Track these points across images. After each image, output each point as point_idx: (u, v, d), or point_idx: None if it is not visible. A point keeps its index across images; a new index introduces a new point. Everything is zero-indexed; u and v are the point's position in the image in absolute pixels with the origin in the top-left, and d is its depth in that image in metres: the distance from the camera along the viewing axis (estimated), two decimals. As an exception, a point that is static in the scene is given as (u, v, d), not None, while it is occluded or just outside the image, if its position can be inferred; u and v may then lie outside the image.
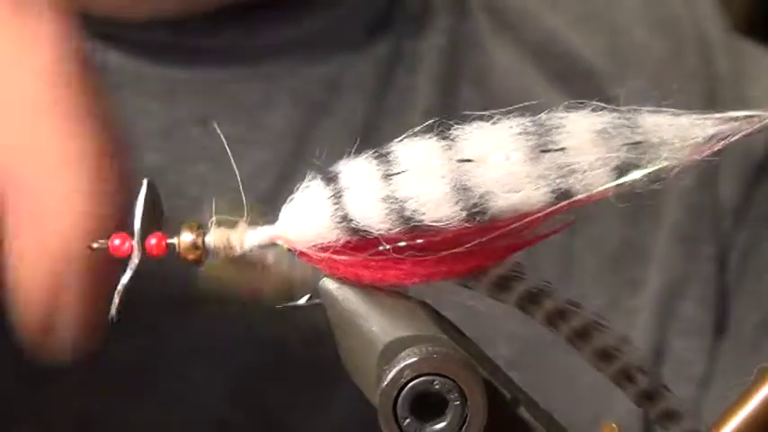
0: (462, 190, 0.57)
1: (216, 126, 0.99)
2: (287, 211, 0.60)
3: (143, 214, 0.61)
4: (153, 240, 0.61)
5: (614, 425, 0.62)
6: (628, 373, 0.64)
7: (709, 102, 1.10)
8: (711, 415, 1.05)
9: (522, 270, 0.62)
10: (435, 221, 0.58)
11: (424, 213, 0.58)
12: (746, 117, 0.58)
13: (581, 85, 1.10)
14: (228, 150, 0.99)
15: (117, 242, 0.61)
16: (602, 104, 0.59)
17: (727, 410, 0.60)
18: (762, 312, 1.08)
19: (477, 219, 0.58)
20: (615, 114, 0.58)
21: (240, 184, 0.63)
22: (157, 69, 1.01)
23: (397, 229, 0.58)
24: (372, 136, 0.62)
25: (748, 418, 0.59)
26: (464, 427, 0.56)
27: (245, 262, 0.62)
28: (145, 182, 0.61)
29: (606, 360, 0.64)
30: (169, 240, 0.61)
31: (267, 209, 0.62)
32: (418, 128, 0.59)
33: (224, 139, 0.98)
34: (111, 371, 0.97)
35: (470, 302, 0.65)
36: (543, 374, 0.82)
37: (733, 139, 0.58)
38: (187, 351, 0.98)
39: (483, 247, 0.59)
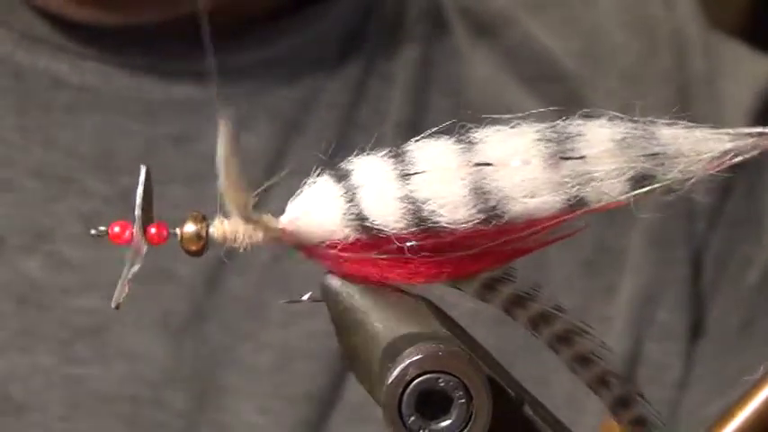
0: (481, 193, 0.57)
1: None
2: (294, 206, 0.60)
3: (143, 201, 0.60)
4: (153, 229, 0.60)
5: (614, 423, 0.62)
6: (604, 378, 0.64)
7: (683, 101, 1.10)
8: (689, 419, 1.06)
9: (512, 273, 0.62)
10: (451, 223, 0.57)
11: (441, 215, 0.57)
12: (761, 134, 0.58)
13: (556, 89, 1.10)
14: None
15: (117, 229, 0.60)
16: (619, 114, 0.58)
17: (729, 408, 0.59)
18: (739, 315, 1.09)
19: (493, 222, 0.57)
20: (632, 125, 0.58)
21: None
22: (135, 90, 1.02)
23: (411, 228, 0.58)
24: (344, 150, 0.61)
25: (751, 417, 0.58)
26: (469, 425, 0.55)
27: None
28: (143, 168, 0.60)
29: (584, 365, 0.64)
30: (171, 230, 0.60)
31: None
32: (435, 129, 0.59)
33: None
34: (92, 398, 0.96)
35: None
36: None
37: (748, 156, 0.58)
38: (165, 377, 0.97)
39: (491, 250, 0.59)
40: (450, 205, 0.57)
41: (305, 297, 0.61)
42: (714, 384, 1.05)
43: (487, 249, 0.58)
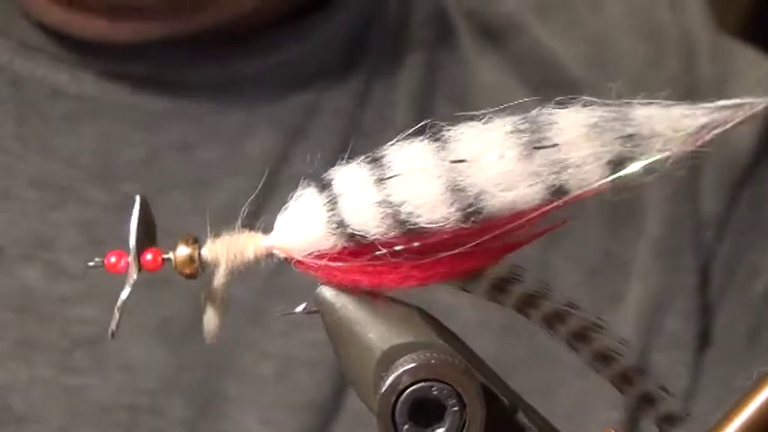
0: (457, 191, 0.57)
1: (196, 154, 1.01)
2: (281, 220, 0.60)
3: (137, 230, 0.60)
4: (149, 256, 0.61)
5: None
6: (626, 375, 0.64)
7: None
8: (697, 428, 1.06)
9: (520, 273, 0.62)
10: (431, 223, 0.57)
11: (419, 216, 0.57)
12: (736, 105, 0.58)
13: (563, 95, 1.10)
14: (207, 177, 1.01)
15: (113, 259, 0.61)
16: (593, 99, 0.58)
17: (725, 415, 0.59)
18: (747, 323, 1.08)
19: (473, 219, 0.57)
20: (606, 108, 0.58)
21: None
22: (138, 99, 1.02)
23: (393, 232, 0.58)
24: (349, 157, 0.61)
25: (747, 423, 0.58)
26: (462, 433, 0.56)
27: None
28: (137, 198, 0.61)
29: (605, 362, 0.64)
30: (165, 255, 0.61)
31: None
32: (409, 131, 0.59)
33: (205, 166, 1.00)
34: (91, 408, 0.97)
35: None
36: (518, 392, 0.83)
37: (724, 128, 0.58)
38: (164, 386, 0.98)
39: (479, 248, 0.58)
40: (428, 205, 0.57)
41: (299, 309, 0.62)
42: (721, 393, 1.04)
43: (476, 247, 0.58)
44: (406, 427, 0.56)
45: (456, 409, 0.55)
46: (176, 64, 1.02)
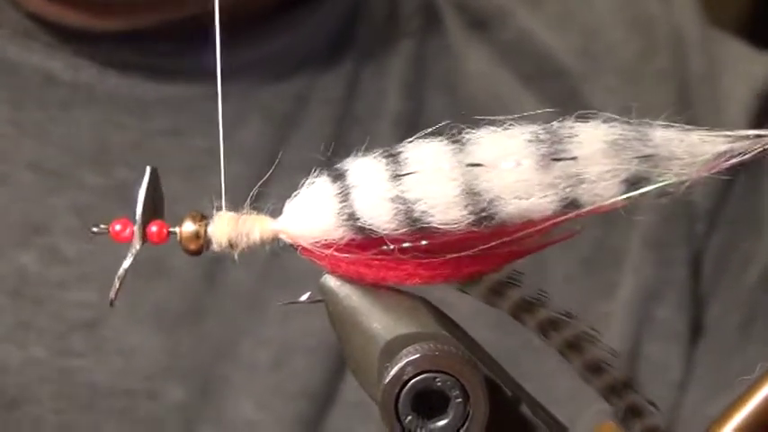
0: (472, 194, 0.57)
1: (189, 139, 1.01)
2: (291, 206, 0.60)
3: (145, 201, 0.60)
4: (154, 228, 0.60)
5: (612, 423, 0.62)
6: (615, 387, 0.64)
7: (682, 99, 1.10)
8: (690, 419, 1.06)
9: (519, 278, 0.62)
10: (443, 224, 0.57)
11: (432, 216, 0.57)
12: (757, 136, 0.58)
13: (553, 86, 1.10)
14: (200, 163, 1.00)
15: (118, 227, 0.61)
16: (614, 116, 0.58)
17: (728, 407, 0.59)
18: (739, 314, 1.08)
19: (485, 223, 0.57)
20: (626, 126, 0.58)
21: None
22: (131, 87, 1.02)
23: (403, 229, 0.57)
24: (341, 145, 0.61)
25: (750, 416, 0.58)
26: (466, 425, 0.55)
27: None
28: (148, 169, 0.61)
29: (595, 373, 0.64)
30: (171, 229, 0.60)
31: None
32: (430, 129, 0.58)
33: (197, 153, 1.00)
34: (86, 391, 0.97)
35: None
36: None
37: (743, 158, 0.57)
38: (161, 371, 0.98)
39: (486, 253, 0.58)
40: (442, 206, 0.57)
41: (303, 298, 0.61)
42: (714, 384, 1.05)
43: (483, 251, 0.58)
44: (409, 418, 0.55)
45: (460, 400, 0.55)
46: (169, 53, 1.02)
